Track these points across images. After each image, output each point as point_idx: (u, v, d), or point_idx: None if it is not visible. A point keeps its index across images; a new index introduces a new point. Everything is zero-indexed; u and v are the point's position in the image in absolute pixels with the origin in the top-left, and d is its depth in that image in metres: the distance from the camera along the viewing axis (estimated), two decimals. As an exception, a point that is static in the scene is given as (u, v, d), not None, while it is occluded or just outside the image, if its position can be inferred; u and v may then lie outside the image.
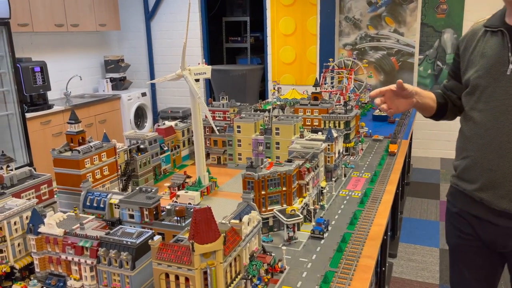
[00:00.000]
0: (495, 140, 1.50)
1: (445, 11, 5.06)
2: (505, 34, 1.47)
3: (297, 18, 5.69)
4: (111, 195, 1.57)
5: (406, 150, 3.34)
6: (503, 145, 1.48)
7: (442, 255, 3.17)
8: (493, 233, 1.58)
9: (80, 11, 5.28)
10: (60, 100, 5.20)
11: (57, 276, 1.31)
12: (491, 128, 1.51)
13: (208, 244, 1.11)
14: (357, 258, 1.55)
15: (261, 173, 1.72)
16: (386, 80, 5.52)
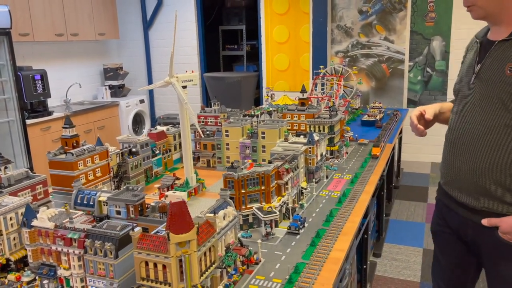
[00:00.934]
0: (455, 141, 1.65)
1: (433, 19, 5.20)
2: (478, 47, 1.61)
3: (291, 27, 5.84)
4: (100, 193, 1.70)
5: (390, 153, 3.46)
6: (459, 146, 1.63)
7: (425, 255, 3.28)
8: (457, 222, 1.72)
9: (79, 21, 5.44)
10: (60, 107, 5.35)
11: (48, 266, 1.43)
12: (454, 129, 1.67)
13: (182, 234, 1.23)
14: (328, 252, 1.66)
15: (241, 173, 1.84)
16: (377, 86, 5.65)
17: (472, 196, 1.60)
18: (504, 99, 1.46)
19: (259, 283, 1.47)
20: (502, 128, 1.49)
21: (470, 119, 1.58)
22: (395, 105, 5.50)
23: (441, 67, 5.29)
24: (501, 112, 1.48)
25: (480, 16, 1.55)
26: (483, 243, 1.63)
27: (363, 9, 5.51)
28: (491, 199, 1.54)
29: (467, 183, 1.61)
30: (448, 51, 5.22)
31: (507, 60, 1.46)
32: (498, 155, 1.50)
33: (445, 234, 1.81)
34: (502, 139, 1.49)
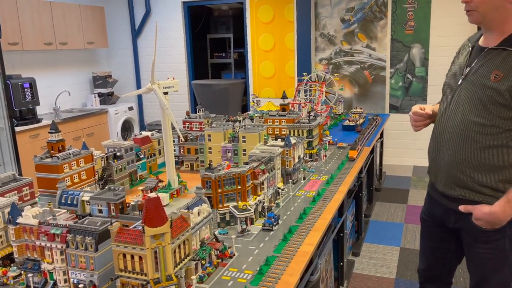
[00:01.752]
0: (439, 135, 1.83)
1: (412, 27, 5.39)
2: (470, 51, 1.76)
3: (276, 35, 5.99)
4: (83, 193, 1.79)
5: (369, 156, 3.59)
6: (441, 140, 1.80)
7: (402, 253, 3.41)
8: (441, 211, 1.89)
9: (68, 30, 5.54)
10: (49, 115, 5.43)
11: (33, 260, 1.52)
12: (439, 125, 1.84)
13: (156, 228, 1.34)
14: (298, 246, 1.78)
15: (218, 173, 1.95)
16: (360, 92, 5.81)
17: (449, 185, 1.78)
18: (485, 101, 1.61)
19: (232, 275, 1.58)
20: (478, 127, 1.65)
21: (453, 117, 1.74)
22: (378, 111, 5.65)
23: (421, 73, 5.46)
24: (480, 113, 1.63)
25: (477, 21, 1.68)
26: (462, 229, 1.81)
27: (345, 17, 5.69)
28: (465, 188, 1.72)
29: (446, 173, 1.79)
30: (427, 58, 5.40)
31: (494, 67, 1.60)
32: (471, 150, 1.67)
33: (428, 222, 2.02)
34: (476, 137, 1.65)
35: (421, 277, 2.14)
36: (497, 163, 1.63)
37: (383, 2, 5.46)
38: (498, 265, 1.74)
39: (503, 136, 1.60)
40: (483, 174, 1.66)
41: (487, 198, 1.67)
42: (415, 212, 4.22)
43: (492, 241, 1.71)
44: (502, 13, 1.59)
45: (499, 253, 1.72)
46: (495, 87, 1.57)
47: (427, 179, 5.32)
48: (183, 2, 6.39)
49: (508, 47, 1.58)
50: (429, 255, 2.07)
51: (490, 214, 1.63)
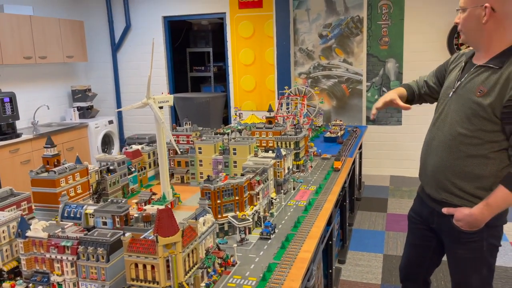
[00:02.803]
0: (428, 143, 1.98)
1: (387, 43, 5.64)
2: (463, 66, 1.91)
3: (256, 50, 6.13)
4: (87, 206, 1.83)
5: (352, 166, 3.73)
6: (430, 147, 1.96)
7: (385, 260, 3.54)
8: (427, 212, 2.04)
9: (48, 44, 5.50)
10: (28, 129, 5.34)
11: (42, 273, 1.55)
12: (429, 133, 2.00)
13: (169, 237, 1.40)
14: (296, 253, 1.86)
15: (217, 185, 2.02)
16: (338, 105, 6.00)
17: (434, 188, 1.93)
18: (469, 114, 1.76)
19: (237, 282, 1.64)
20: (462, 137, 1.79)
21: (442, 126, 1.89)
22: (355, 123, 5.85)
23: (396, 86, 5.69)
24: (465, 125, 1.78)
25: (464, 41, 1.85)
26: (444, 229, 1.95)
27: (323, 33, 5.89)
28: (448, 192, 1.86)
29: (432, 178, 1.94)
30: (401, 72, 5.65)
31: (479, 83, 1.75)
32: (455, 158, 1.82)
33: (415, 220, 2.17)
34: (460, 146, 1.80)
35: (401, 273, 2.28)
36: (477, 172, 1.77)
37: (359, 19, 5.70)
38: (476, 266, 1.88)
39: (484, 147, 1.75)
40: (463, 181, 1.81)
41: (466, 202, 1.81)
42: (395, 220, 4.39)
43: (470, 243, 1.84)
44: (481, 33, 1.75)
45: (477, 255, 1.85)
46: (479, 101, 1.72)
47: (404, 188, 5.52)
48: (164, 17, 6.45)
49: (493, 66, 1.73)
50: (411, 251, 2.21)
51: (469, 216, 1.77)
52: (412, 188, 5.26)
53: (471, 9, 1.73)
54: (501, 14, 1.70)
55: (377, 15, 5.61)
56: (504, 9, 1.70)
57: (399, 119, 5.74)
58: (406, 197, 5.00)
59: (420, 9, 5.45)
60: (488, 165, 1.76)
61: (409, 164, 5.63)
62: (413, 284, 2.23)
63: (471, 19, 1.74)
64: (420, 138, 2.26)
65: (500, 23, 1.72)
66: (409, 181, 5.48)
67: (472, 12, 1.73)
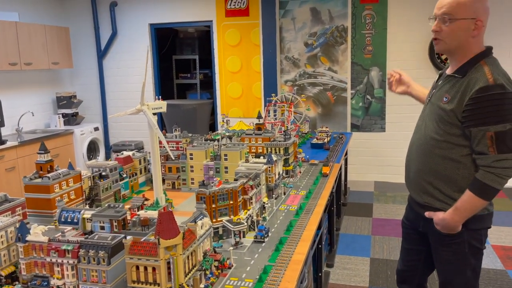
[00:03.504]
0: (410, 148, 2.07)
1: (371, 52, 5.79)
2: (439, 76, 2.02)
3: (243, 57, 6.21)
4: (84, 211, 1.85)
5: (339, 171, 3.81)
6: (411, 152, 2.05)
7: (372, 263, 3.63)
8: (413, 216, 2.12)
9: (34, 50, 5.46)
10: (12, 136, 5.27)
11: (41, 277, 1.56)
12: (411, 138, 2.09)
13: (170, 240, 1.43)
14: (290, 255, 1.91)
15: (212, 189, 2.06)
16: (323, 112, 6.11)
17: (417, 193, 2.01)
18: (437, 120, 1.87)
19: (234, 283, 1.68)
20: (433, 141, 1.89)
21: (418, 133, 2.01)
22: (340, 129, 5.96)
23: (379, 94, 5.85)
24: (435, 129, 1.89)
25: (442, 50, 1.90)
26: (429, 233, 2.03)
27: (308, 42, 6.01)
28: (429, 196, 1.94)
29: (414, 182, 2.02)
30: (384, 80, 5.80)
31: (446, 91, 1.87)
32: (431, 162, 1.91)
33: (406, 225, 2.25)
34: (433, 149, 1.90)
35: (398, 277, 2.34)
36: (451, 175, 1.86)
37: (344, 28, 5.83)
38: (460, 267, 1.95)
39: (454, 151, 1.84)
40: (441, 183, 1.90)
41: (446, 206, 1.88)
42: (380, 224, 4.48)
43: (452, 245, 1.92)
44: (464, 45, 1.84)
45: (460, 256, 1.93)
46: (443, 107, 1.84)
47: (389, 194, 5.64)
48: (150, 24, 6.48)
49: (458, 75, 1.84)
50: (405, 256, 2.28)
51: (442, 220, 1.86)
52: (396, 193, 5.38)
53: (462, 20, 1.78)
54: (484, 29, 1.81)
55: (361, 24, 5.76)
56: (485, 23, 1.81)
57: (383, 126, 5.87)
58: (390, 202, 5.12)
59: (402, 19, 5.62)
60: (460, 169, 1.84)
61: (393, 170, 5.76)
62: (408, 287, 2.30)
63: (460, 30, 1.79)
64: (403, 144, 2.36)
65: (480, 36, 1.83)
66: (393, 187, 5.60)
67: (463, 23, 1.78)
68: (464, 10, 1.77)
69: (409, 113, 5.48)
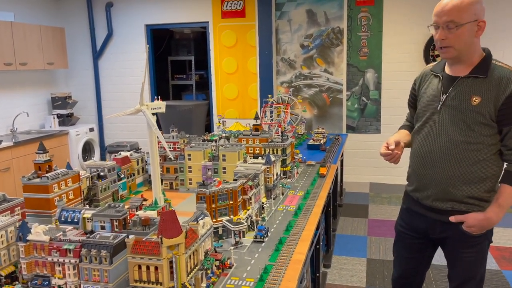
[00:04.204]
0: (425, 156, 2.01)
1: (366, 53, 5.82)
2: (441, 80, 1.98)
3: (239, 59, 6.22)
4: (84, 211, 1.84)
5: (336, 172, 3.83)
6: (429, 160, 1.99)
7: (369, 263, 3.65)
8: (424, 223, 2.08)
9: (29, 50, 5.43)
10: (6, 136, 5.23)
11: (42, 277, 1.55)
12: (423, 147, 2.02)
13: (173, 239, 1.44)
14: (290, 255, 1.92)
15: (212, 189, 2.07)
16: (319, 113, 6.13)
17: (439, 200, 1.97)
18: (469, 122, 1.85)
19: (235, 283, 1.69)
20: (464, 145, 1.88)
21: (439, 138, 1.95)
22: (336, 131, 5.99)
23: (374, 96, 5.89)
24: (465, 132, 1.87)
25: (452, 56, 1.89)
26: (449, 237, 2.01)
27: (304, 43, 6.04)
28: (455, 201, 1.93)
29: (436, 189, 1.97)
30: (380, 82, 5.83)
31: (471, 92, 1.85)
32: (460, 166, 1.90)
33: (406, 235, 2.20)
34: (464, 154, 1.88)
35: (395, 284, 2.33)
36: (481, 175, 1.88)
37: (339, 30, 5.87)
38: (479, 264, 1.99)
39: (485, 151, 1.86)
40: (470, 186, 1.89)
41: (473, 207, 1.91)
42: (376, 225, 4.51)
43: (477, 245, 1.95)
44: (471, 47, 1.87)
45: (480, 254, 1.97)
46: (476, 110, 1.83)
47: (384, 195, 5.66)
48: (146, 25, 6.47)
49: (479, 75, 1.86)
50: (405, 264, 2.26)
51: (485, 220, 1.87)
52: (391, 194, 5.41)
53: (467, 24, 1.80)
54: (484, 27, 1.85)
55: (356, 26, 5.79)
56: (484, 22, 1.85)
57: (378, 128, 5.91)
58: (386, 203, 5.15)
59: (398, 21, 5.66)
60: (489, 167, 1.87)
61: (388, 171, 5.78)
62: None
63: (467, 33, 1.82)
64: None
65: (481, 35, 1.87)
66: (388, 188, 5.64)
67: (468, 27, 1.81)
68: (466, 15, 1.80)
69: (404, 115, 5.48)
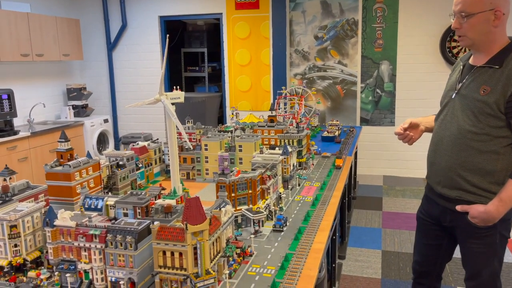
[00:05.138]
0: (437, 143, 2.03)
1: (381, 45, 5.77)
2: (461, 69, 1.98)
3: (252, 50, 6.21)
4: (107, 198, 1.87)
5: (351, 164, 3.82)
6: (440, 147, 2.01)
7: (384, 256, 3.64)
8: (437, 210, 2.10)
9: (45, 42, 5.49)
10: (24, 127, 5.31)
11: (68, 261, 1.58)
12: (437, 134, 2.05)
13: (197, 225, 1.45)
14: (310, 244, 1.93)
15: (231, 178, 2.08)
16: (333, 106, 6.11)
17: (447, 187, 1.98)
18: (476, 112, 1.85)
19: (256, 270, 1.71)
20: (471, 135, 1.87)
21: (450, 126, 1.96)
22: (349, 123, 5.96)
23: (389, 88, 5.84)
24: (473, 122, 1.86)
25: (467, 45, 1.91)
26: (458, 226, 2.01)
27: (318, 35, 6.00)
28: (461, 189, 1.93)
29: (444, 177, 1.99)
30: (395, 74, 5.78)
31: (482, 82, 1.84)
32: (467, 156, 1.89)
33: (425, 221, 2.22)
34: (471, 143, 1.88)
35: (415, 272, 2.34)
36: (488, 167, 1.86)
37: (354, 21, 5.82)
38: (488, 258, 1.96)
39: (493, 143, 1.84)
40: (476, 177, 1.88)
41: (480, 198, 1.89)
42: (390, 218, 4.50)
43: (484, 237, 1.92)
44: (489, 37, 1.84)
45: (490, 247, 1.94)
46: (484, 100, 1.82)
47: (398, 188, 5.63)
48: (160, 17, 6.48)
49: (493, 65, 1.83)
50: (424, 251, 2.27)
51: (485, 213, 1.85)
52: (405, 187, 5.38)
53: (480, 14, 1.79)
54: (506, 16, 1.81)
55: (371, 18, 5.74)
56: (506, 10, 1.82)
57: (392, 120, 5.87)
58: (400, 196, 5.13)
59: (413, 12, 5.59)
60: (499, 160, 1.85)
61: (402, 164, 5.76)
62: (426, 280, 2.30)
63: (480, 23, 1.81)
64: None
65: (503, 24, 1.83)
66: (402, 181, 5.61)
67: (482, 17, 1.80)
68: (480, 4, 1.78)
69: (418, 107, 5.47)
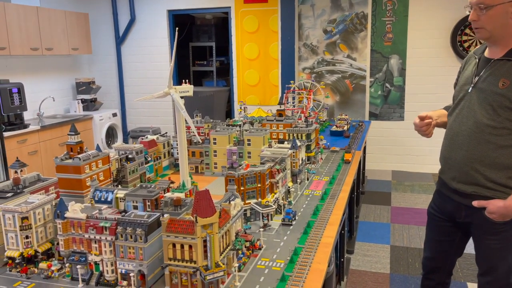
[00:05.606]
0: (453, 138, 2.00)
1: (391, 39, 5.71)
2: (477, 62, 1.95)
3: (260, 44, 6.18)
4: (117, 191, 1.87)
5: (359, 159, 3.80)
6: (455, 142, 1.98)
7: (392, 251, 3.63)
8: (451, 206, 2.07)
9: (54, 36, 5.51)
10: (33, 120, 5.35)
11: (79, 253, 1.60)
12: (452, 128, 2.02)
13: (207, 218, 1.45)
14: (319, 238, 1.92)
15: (240, 172, 2.08)
16: (341, 100, 6.07)
17: (462, 182, 1.95)
18: (495, 106, 1.81)
19: (266, 263, 1.70)
20: (490, 129, 1.84)
21: (466, 121, 1.92)
22: (358, 118, 5.92)
23: (398, 82, 5.79)
24: (491, 116, 1.83)
25: (484, 37, 1.87)
26: (473, 222, 1.98)
27: (327, 29, 5.95)
28: (477, 185, 1.90)
29: (459, 172, 1.96)
30: (404, 68, 5.73)
31: (501, 75, 1.81)
32: (485, 150, 1.86)
33: (437, 217, 2.20)
34: (488, 137, 1.84)
35: (425, 267, 2.32)
36: (507, 162, 1.83)
37: (363, 15, 5.76)
38: (504, 254, 1.94)
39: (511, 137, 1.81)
40: (494, 171, 1.85)
41: (498, 193, 1.86)
42: (399, 213, 4.47)
43: (501, 232, 1.90)
44: (507, 29, 1.80)
45: (506, 243, 1.92)
46: (503, 93, 1.78)
47: (406, 183, 5.59)
48: (169, 11, 6.47)
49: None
50: (435, 247, 2.25)
51: (504, 208, 1.82)
52: (414, 183, 5.35)
53: (499, 5, 1.75)
54: None
55: (381, 11, 5.68)
56: None
57: (402, 115, 5.82)
58: (408, 191, 5.09)
59: (424, 6, 5.52)
60: None
61: (411, 159, 5.72)
62: (437, 276, 2.29)
63: (499, 15, 1.77)
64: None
65: None
66: (411, 176, 5.57)
67: (500, 9, 1.76)
68: None
69: (428, 102, 5.42)
